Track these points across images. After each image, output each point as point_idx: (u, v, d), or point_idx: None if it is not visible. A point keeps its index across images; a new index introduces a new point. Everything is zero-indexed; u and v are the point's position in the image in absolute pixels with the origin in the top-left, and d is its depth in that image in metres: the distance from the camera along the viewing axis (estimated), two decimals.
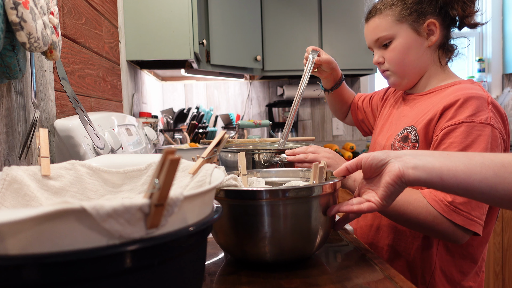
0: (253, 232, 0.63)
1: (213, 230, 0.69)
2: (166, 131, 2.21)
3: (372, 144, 1.12)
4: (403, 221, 0.82)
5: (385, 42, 0.98)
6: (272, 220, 0.62)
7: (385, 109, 1.14)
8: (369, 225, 1.02)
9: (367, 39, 1.03)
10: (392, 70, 0.99)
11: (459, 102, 0.84)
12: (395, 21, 0.95)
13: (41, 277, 0.30)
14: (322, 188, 0.64)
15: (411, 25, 0.94)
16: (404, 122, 0.97)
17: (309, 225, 0.64)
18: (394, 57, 0.97)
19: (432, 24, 0.94)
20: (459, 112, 0.83)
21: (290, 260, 0.67)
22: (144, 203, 0.33)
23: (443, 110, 0.86)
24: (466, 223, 0.77)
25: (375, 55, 1.01)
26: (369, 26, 1.01)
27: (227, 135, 0.69)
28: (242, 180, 0.80)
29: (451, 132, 0.82)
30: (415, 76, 0.99)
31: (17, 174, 0.51)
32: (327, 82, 1.24)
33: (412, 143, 0.90)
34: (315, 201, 0.64)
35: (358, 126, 1.30)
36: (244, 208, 0.63)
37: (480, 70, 3.16)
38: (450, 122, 0.83)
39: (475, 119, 0.81)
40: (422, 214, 0.78)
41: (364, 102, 1.26)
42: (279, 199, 0.62)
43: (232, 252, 0.70)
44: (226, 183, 0.65)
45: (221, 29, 2.17)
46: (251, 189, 0.64)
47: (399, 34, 0.95)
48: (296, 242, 0.65)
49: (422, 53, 0.96)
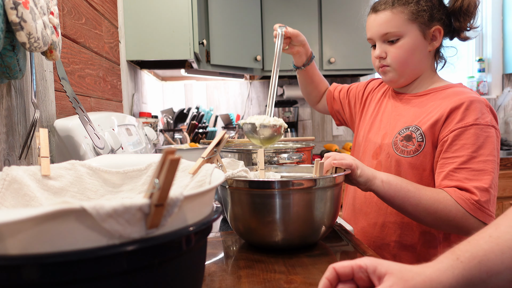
0: (269, 217, 0.74)
1: (231, 218, 0.79)
2: (166, 131, 2.21)
3: (362, 141, 1.11)
4: (432, 219, 0.85)
5: (392, 39, 0.97)
6: (283, 206, 0.73)
7: (369, 106, 1.14)
8: (372, 224, 1.03)
9: (371, 30, 1.01)
10: (394, 67, 0.99)
11: (464, 104, 0.89)
12: (407, 19, 0.95)
13: (41, 277, 0.30)
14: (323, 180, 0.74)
15: (420, 27, 0.96)
16: (403, 121, 0.99)
17: (312, 213, 0.75)
18: (399, 55, 0.97)
19: (437, 30, 0.97)
20: (467, 114, 0.88)
21: (299, 244, 0.77)
22: (144, 203, 0.33)
23: (450, 112, 0.90)
24: (487, 220, 0.83)
25: (378, 49, 1.00)
26: (378, 18, 0.99)
27: (227, 135, 0.70)
28: (260, 174, 0.89)
29: (462, 133, 0.87)
30: (412, 77, 1.02)
31: (17, 174, 0.51)
32: (299, 58, 1.25)
33: (418, 142, 0.94)
34: (318, 191, 0.75)
35: (333, 116, 1.31)
36: (262, 197, 0.74)
37: (480, 70, 3.16)
38: (460, 124, 0.88)
39: (482, 121, 0.87)
40: (452, 212, 0.83)
41: (341, 94, 1.26)
42: (288, 189, 0.73)
43: (249, 236, 0.79)
44: (237, 174, 0.76)
45: (221, 29, 2.17)
46: (271, 180, 0.77)
47: (408, 34, 0.96)
48: (303, 226, 0.75)
49: (424, 56, 0.99)
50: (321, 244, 0.81)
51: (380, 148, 1.02)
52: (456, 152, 0.87)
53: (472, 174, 0.85)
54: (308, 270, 0.66)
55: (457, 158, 0.87)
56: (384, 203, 0.94)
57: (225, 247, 0.82)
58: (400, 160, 0.96)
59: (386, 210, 0.99)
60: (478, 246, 0.50)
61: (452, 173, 0.87)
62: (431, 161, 0.93)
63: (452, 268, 0.48)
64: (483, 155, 0.85)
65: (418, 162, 0.94)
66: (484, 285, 0.49)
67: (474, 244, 0.50)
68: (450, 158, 0.88)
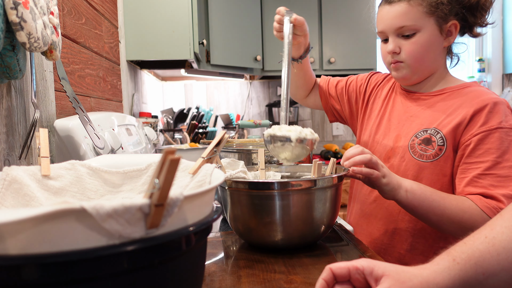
0: (268, 217, 0.73)
1: (231, 218, 0.79)
2: (166, 131, 2.21)
3: (369, 141, 1.04)
4: (456, 229, 0.82)
5: (408, 33, 0.91)
6: (282, 207, 0.73)
7: (375, 103, 1.07)
8: (382, 230, 0.97)
9: (385, 23, 0.93)
10: (408, 63, 0.93)
11: (488, 107, 0.85)
12: (425, 13, 0.89)
13: (41, 277, 0.30)
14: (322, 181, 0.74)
15: (437, 21, 0.90)
16: (418, 123, 0.94)
17: (311, 213, 0.74)
18: (415, 51, 0.91)
19: (453, 25, 0.92)
20: (491, 117, 0.85)
21: (298, 244, 0.77)
22: (144, 203, 0.33)
23: (473, 115, 0.86)
24: None
25: (391, 44, 0.93)
26: (392, 10, 0.91)
27: (227, 135, 0.70)
28: (261, 174, 0.89)
29: (486, 137, 0.84)
30: (426, 74, 0.96)
31: (17, 174, 0.51)
32: (297, 50, 1.10)
33: (439, 146, 0.89)
34: (318, 192, 0.75)
35: (327, 111, 1.20)
36: (261, 198, 0.73)
37: (480, 70, 3.16)
38: (484, 127, 0.84)
39: (505, 124, 0.84)
40: (478, 222, 0.78)
41: (338, 89, 1.15)
42: (287, 190, 0.73)
43: (248, 236, 0.79)
44: (236, 175, 0.76)
45: (221, 29, 2.17)
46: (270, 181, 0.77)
47: (425, 28, 0.90)
48: (302, 226, 0.74)
49: (439, 52, 0.94)
50: (321, 244, 0.81)
51: (393, 151, 0.97)
52: (480, 157, 0.83)
53: (497, 181, 0.81)
54: (308, 270, 0.66)
55: (481, 163, 0.83)
56: (395, 208, 0.91)
57: (225, 247, 0.82)
58: (419, 165, 0.91)
59: (397, 216, 0.95)
60: (474, 247, 0.50)
61: (476, 179, 0.83)
62: (452, 166, 0.89)
63: (449, 270, 0.48)
64: (509, 161, 0.82)
65: (438, 167, 0.90)
66: (481, 286, 0.49)
67: (470, 245, 0.51)
68: (473, 163, 0.84)
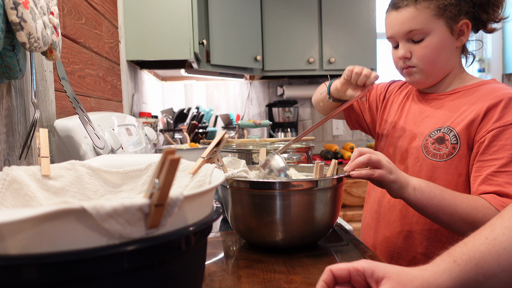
0: (269, 217, 0.74)
1: (232, 217, 0.79)
2: (166, 131, 2.21)
3: (384, 145, 1.03)
4: (469, 229, 0.77)
5: (417, 37, 0.90)
6: (283, 207, 0.74)
7: (391, 108, 1.06)
8: (396, 233, 0.95)
9: (393, 29, 0.93)
10: (421, 67, 0.92)
11: (503, 102, 0.83)
12: (433, 15, 0.88)
13: (41, 277, 0.30)
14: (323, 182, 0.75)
15: (447, 23, 0.89)
16: (432, 123, 0.92)
17: (312, 213, 0.75)
18: (427, 55, 0.90)
19: (465, 24, 0.90)
20: (506, 113, 0.82)
21: (298, 244, 0.77)
22: (144, 203, 0.33)
23: (487, 110, 0.84)
24: None
25: (402, 49, 0.92)
26: (400, 15, 0.91)
27: (227, 135, 0.70)
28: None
29: (501, 133, 0.81)
30: (440, 76, 0.95)
31: (17, 174, 0.51)
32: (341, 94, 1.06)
33: (452, 144, 0.87)
34: (319, 192, 0.75)
35: (348, 122, 1.19)
36: (262, 197, 0.74)
37: (480, 70, 3.16)
38: (498, 123, 0.82)
39: None
40: None
41: (361, 103, 1.14)
42: (288, 190, 0.73)
43: (249, 236, 0.80)
44: (237, 174, 0.76)
45: (221, 29, 2.17)
46: (272, 181, 0.76)
47: (435, 31, 0.89)
48: (303, 226, 0.75)
49: (452, 53, 0.93)
50: (321, 244, 0.81)
51: (407, 152, 0.95)
52: (494, 154, 0.81)
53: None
54: (308, 270, 0.66)
55: (496, 160, 0.80)
56: (409, 211, 0.89)
57: (225, 247, 0.82)
58: (432, 165, 0.89)
59: (411, 219, 0.92)
60: (474, 248, 0.50)
61: (491, 177, 0.80)
62: (467, 164, 0.86)
63: (449, 271, 0.48)
64: None
65: (452, 167, 0.87)
66: (481, 287, 0.49)
67: (470, 246, 0.51)
68: (488, 160, 0.82)
